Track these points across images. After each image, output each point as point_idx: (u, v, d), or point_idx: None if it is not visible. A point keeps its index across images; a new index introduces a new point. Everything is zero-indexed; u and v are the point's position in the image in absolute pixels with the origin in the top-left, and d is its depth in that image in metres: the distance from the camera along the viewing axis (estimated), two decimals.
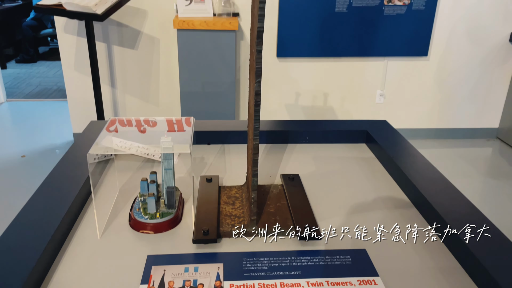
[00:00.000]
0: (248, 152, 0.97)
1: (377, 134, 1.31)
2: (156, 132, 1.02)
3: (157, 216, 0.93)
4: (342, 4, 2.98)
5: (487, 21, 3.13)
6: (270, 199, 1.02)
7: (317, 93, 3.28)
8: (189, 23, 2.75)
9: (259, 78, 0.77)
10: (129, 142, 0.98)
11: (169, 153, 0.92)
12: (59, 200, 0.92)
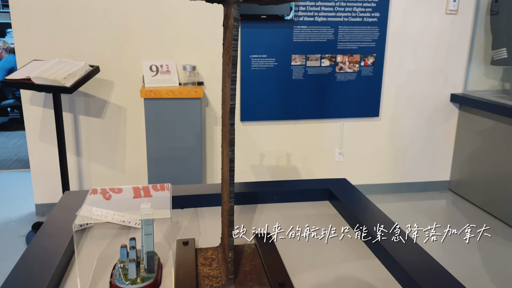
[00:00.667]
0: (223, 214, 1.04)
1: (338, 191, 1.42)
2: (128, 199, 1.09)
3: (138, 281, 0.96)
4: (298, 72, 3.23)
5: (429, 84, 3.47)
6: (245, 258, 1.09)
7: (280, 153, 3.43)
8: (155, 92, 2.88)
9: (232, 147, 0.87)
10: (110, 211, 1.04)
11: (150, 219, 0.98)
12: (40, 272, 0.94)
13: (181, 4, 2.99)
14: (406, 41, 3.34)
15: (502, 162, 3.15)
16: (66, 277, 1.01)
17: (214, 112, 3.27)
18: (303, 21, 3.14)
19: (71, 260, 1.07)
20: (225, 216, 1.00)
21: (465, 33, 3.42)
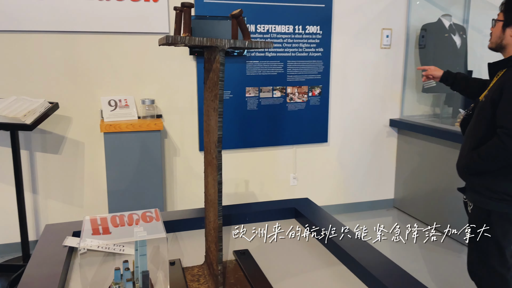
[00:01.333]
0: (209, 232, 1.17)
1: (304, 209, 1.59)
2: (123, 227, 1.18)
3: None
4: (253, 103, 3.43)
5: (370, 111, 3.81)
6: (228, 273, 1.21)
7: (239, 181, 3.57)
8: (115, 126, 2.94)
9: (220, 171, 1.01)
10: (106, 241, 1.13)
11: (144, 241, 1.08)
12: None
13: (138, 41, 3.12)
14: (347, 72, 3.67)
15: (438, 179, 3.50)
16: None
17: (173, 143, 3.36)
18: (255, 56, 3.37)
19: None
20: (211, 234, 1.13)
21: (398, 64, 3.82)
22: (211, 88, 1.05)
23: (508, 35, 1.75)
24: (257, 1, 3.30)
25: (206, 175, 1.16)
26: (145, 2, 3.06)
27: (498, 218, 1.69)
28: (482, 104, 1.74)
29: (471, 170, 1.76)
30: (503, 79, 1.68)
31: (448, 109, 3.91)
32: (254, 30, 3.33)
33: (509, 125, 1.60)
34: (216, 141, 1.01)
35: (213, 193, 1.08)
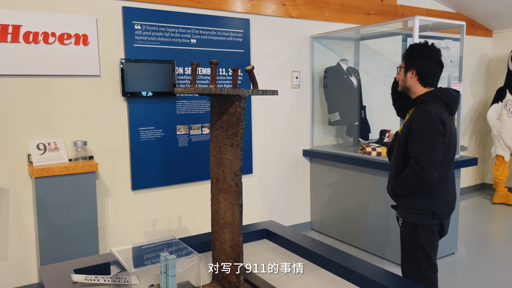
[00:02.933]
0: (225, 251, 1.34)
1: (275, 229, 1.84)
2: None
3: None
4: (183, 140, 3.60)
5: (286, 143, 4.24)
6: None
7: (172, 217, 3.65)
8: (48, 170, 2.86)
9: (241, 195, 1.22)
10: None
11: (174, 263, 1.23)
12: None
13: (68, 83, 3.11)
14: (266, 110, 4.07)
15: (347, 199, 4.03)
16: None
17: (105, 184, 3.34)
18: (184, 96, 3.58)
19: None
20: (227, 252, 1.31)
21: (307, 102, 4.36)
22: (226, 127, 1.27)
23: (409, 78, 2.16)
24: (184, 46, 3.54)
25: (217, 202, 1.35)
26: (75, 46, 3.09)
27: (423, 230, 2.08)
28: (399, 137, 2.14)
29: (396, 194, 2.12)
30: (412, 117, 2.09)
31: (349, 139, 4.54)
32: (183, 72, 3.55)
33: (417, 155, 1.99)
34: (237, 170, 1.22)
35: (230, 216, 1.28)
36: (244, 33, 3.84)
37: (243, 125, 1.19)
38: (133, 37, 3.31)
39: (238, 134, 1.21)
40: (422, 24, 4.36)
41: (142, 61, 3.30)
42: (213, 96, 1.35)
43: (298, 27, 4.21)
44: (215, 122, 1.33)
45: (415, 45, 2.18)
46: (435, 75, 2.14)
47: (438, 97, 2.06)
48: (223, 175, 1.29)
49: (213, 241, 1.40)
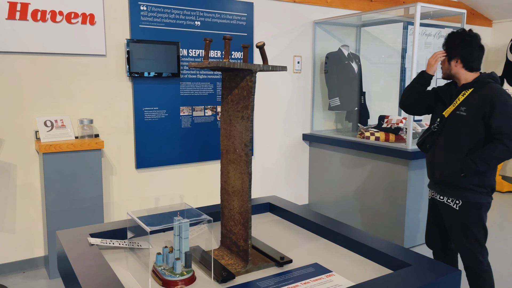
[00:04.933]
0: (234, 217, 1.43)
1: (278, 203, 1.93)
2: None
3: (185, 274, 1.28)
4: (187, 121, 3.68)
5: (286, 127, 4.32)
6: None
7: (174, 196, 3.74)
8: (56, 146, 2.93)
9: (250, 164, 1.31)
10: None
11: (187, 225, 1.31)
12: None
13: (74, 62, 3.16)
14: (267, 93, 4.14)
15: (345, 183, 4.13)
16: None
17: (110, 162, 3.42)
18: (187, 78, 3.64)
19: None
20: (236, 218, 1.40)
21: (308, 87, 4.43)
22: (236, 101, 1.35)
23: (454, 66, 2.17)
24: (188, 28, 3.59)
25: (226, 172, 1.44)
26: (82, 25, 3.14)
27: (485, 209, 2.11)
28: (463, 118, 2.09)
29: (469, 173, 2.05)
30: (489, 94, 2.04)
31: (348, 124, 4.62)
32: (187, 54, 3.61)
33: (508, 130, 1.97)
34: (247, 141, 1.30)
35: (239, 184, 1.36)
36: (247, 17, 3.89)
37: (253, 98, 1.27)
38: (138, 18, 3.36)
39: (248, 107, 1.28)
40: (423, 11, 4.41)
41: (147, 42, 3.36)
42: (224, 71, 1.42)
43: (300, 12, 4.26)
44: (226, 96, 1.40)
45: (455, 34, 2.21)
46: (479, 60, 2.19)
47: (496, 80, 2.13)
48: (233, 147, 1.37)
49: (222, 209, 1.48)
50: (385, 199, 3.71)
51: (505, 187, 5.46)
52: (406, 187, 3.52)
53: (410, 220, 3.59)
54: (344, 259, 1.44)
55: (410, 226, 3.60)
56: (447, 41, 2.23)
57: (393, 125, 4.01)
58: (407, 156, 3.44)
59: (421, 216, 3.66)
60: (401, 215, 3.57)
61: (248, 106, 1.29)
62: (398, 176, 3.57)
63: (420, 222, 3.67)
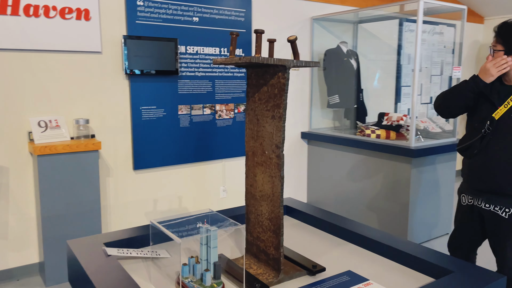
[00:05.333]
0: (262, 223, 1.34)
1: (295, 205, 1.85)
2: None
3: (215, 286, 1.19)
4: (185, 120, 3.57)
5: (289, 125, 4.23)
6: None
7: (172, 197, 3.63)
8: (51, 148, 2.80)
9: (283, 167, 1.22)
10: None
11: (216, 234, 1.22)
12: None
13: (69, 59, 3.02)
14: None
15: (345, 181, 4.08)
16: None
17: (106, 163, 3.29)
18: (185, 75, 3.53)
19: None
20: (265, 224, 1.31)
21: (306, 84, 4.35)
22: (266, 99, 1.26)
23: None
24: (186, 24, 3.48)
25: (253, 175, 1.35)
26: (76, 21, 3.00)
27: None
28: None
29: None
30: None
31: (346, 122, 4.57)
32: (185, 51, 3.49)
33: None
34: (279, 142, 1.22)
35: (269, 188, 1.28)
36: (246, 13, 3.79)
37: (286, 96, 1.18)
38: (135, 13, 3.23)
39: (281, 105, 1.20)
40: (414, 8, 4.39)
41: (145, 39, 3.23)
42: (250, 68, 1.33)
43: (298, 8, 4.18)
44: (252, 94, 1.31)
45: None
46: None
47: None
48: (261, 148, 1.29)
49: (247, 215, 1.39)
50: (387, 197, 3.67)
51: None
52: (409, 184, 3.48)
53: (414, 218, 3.55)
54: (379, 266, 1.36)
55: (413, 224, 3.56)
56: (505, 34, 1.94)
57: (393, 122, 3.97)
58: (411, 154, 3.40)
59: (424, 214, 3.63)
60: (404, 213, 3.53)
61: (280, 104, 1.20)
62: (401, 174, 3.53)
63: (423, 220, 3.64)
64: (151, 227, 1.23)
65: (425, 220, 3.65)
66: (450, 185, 3.84)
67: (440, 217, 3.81)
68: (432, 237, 3.79)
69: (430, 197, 3.67)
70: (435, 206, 3.73)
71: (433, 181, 3.66)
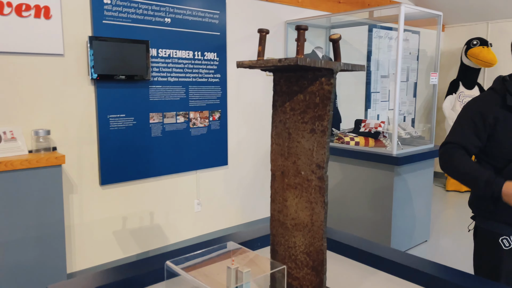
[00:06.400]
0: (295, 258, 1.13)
1: None
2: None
3: None
4: (157, 129, 3.28)
5: (260, 132, 4.05)
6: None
7: (143, 213, 3.32)
8: (6, 164, 2.42)
9: (326, 191, 1.03)
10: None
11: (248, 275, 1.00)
12: None
13: (25, 63, 2.66)
14: (241, 98, 3.85)
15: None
16: None
17: (70, 179, 2.94)
18: (157, 81, 3.24)
19: None
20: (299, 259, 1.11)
21: None
22: (302, 110, 1.06)
23: None
24: (158, 25, 3.21)
25: (282, 200, 1.14)
26: (35, 19, 2.65)
27: None
28: None
29: None
30: None
31: None
32: (156, 54, 3.22)
33: None
34: (322, 161, 1.02)
35: (307, 216, 1.08)
36: (220, 15, 3.57)
37: (331, 106, 0.99)
38: (101, 12, 2.92)
39: (324, 117, 1.00)
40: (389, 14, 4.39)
41: (112, 40, 2.93)
42: (278, 72, 1.13)
43: (273, 11, 4.02)
44: (281, 104, 1.11)
45: None
46: None
47: None
48: (294, 168, 1.08)
49: (273, 246, 1.18)
50: (369, 205, 3.57)
51: (464, 187, 5.64)
52: (392, 193, 3.41)
53: (396, 226, 3.48)
54: None
55: (396, 232, 3.49)
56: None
57: (371, 129, 3.90)
58: (394, 162, 3.33)
59: (405, 222, 3.58)
60: (387, 222, 3.45)
61: (323, 116, 1.01)
62: (383, 182, 3.45)
63: (405, 228, 3.58)
64: (167, 271, 0.98)
65: (406, 228, 3.60)
66: (429, 191, 3.82)
67: (419, 224, 3.77)
68: (412, 245, 3.74)
69: (411, 204, 3.62)
70: (415, 214, 3.69)
71: (414, 188, 3.62)
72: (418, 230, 3.78)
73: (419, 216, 3.74)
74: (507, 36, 5.54)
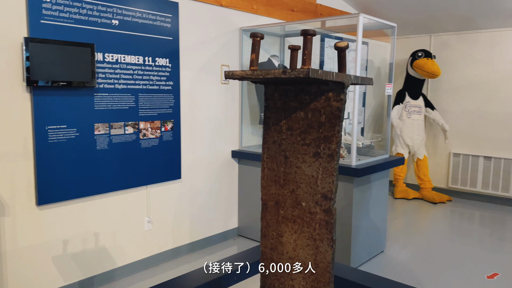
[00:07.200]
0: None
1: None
2: None
3: None
4: (103, 141, 2.97)
5: (214, 144, 3.85)
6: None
7: (87, 235, 2.98)
8: None
9: (334, 228, 0.87)
10: None
11: None
12: None
13: None
14: (194, 107, 3.63)
15: None
16: None
17: (1, 200, 2.55)
18: (103, 88, 2.94)
19: None
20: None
21: (236, 99, 4.02)
22: (303, 129, 0.90)
23: None
24: (104, 28, 2.92)
25: (276, 235, 0.96)
26: None
27: None
28: None
29: None
30: None
31: None
32: (102, 59, 2.92)
33: None
34: (330, 191, 0.86)
35: (309, 256, 0.90)
36: (172, 18, 3.34)
37: (341, 126, 0.83)
38: (39, 10, 2.59)
39: (333, 139, 0.85)
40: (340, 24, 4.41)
41: (52, 42, 2.60)
42: (270, 85, 0.95)
43: (228, 17, 3.86)
44: (275, 122, 0.94)
45: None
46: None
47: None
48: (292, 197, 0.91)
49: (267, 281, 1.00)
50: None
51: (411, 194, 5.78)
52: (352, 205, 3.35)
53: (356, 240, 3.43)
54: None
55: (356, 245, 3.43)
56: None
57: None
58: (354, 173, 3.27)
59: (364, 234, 3.53)
60: (347, 236, 3.38)
61: (331, 138, 0.85)
62: (343, 195, 3.38)
63: (364, 241, 3.53)
64: None
65: (365, 240, 3.56)
66: (384, 202, 3.82)
67: (376, 235, 3.75)
68: (371, 256, 3.71)
69: (368, 215, 3.59)
70: (372, 225, 3.66)
71: (371, 199, 3.60)
72: (375, 241, 3.75)
73: (376, 227, 3.73)
74: (449, 49, 5.80)
